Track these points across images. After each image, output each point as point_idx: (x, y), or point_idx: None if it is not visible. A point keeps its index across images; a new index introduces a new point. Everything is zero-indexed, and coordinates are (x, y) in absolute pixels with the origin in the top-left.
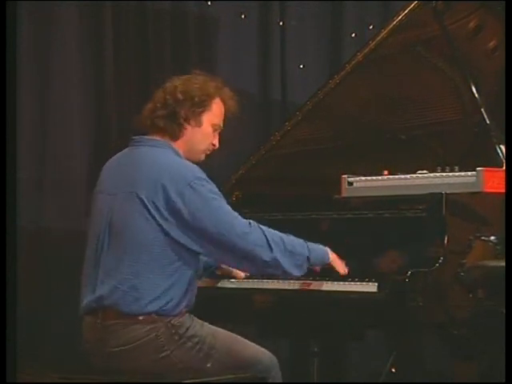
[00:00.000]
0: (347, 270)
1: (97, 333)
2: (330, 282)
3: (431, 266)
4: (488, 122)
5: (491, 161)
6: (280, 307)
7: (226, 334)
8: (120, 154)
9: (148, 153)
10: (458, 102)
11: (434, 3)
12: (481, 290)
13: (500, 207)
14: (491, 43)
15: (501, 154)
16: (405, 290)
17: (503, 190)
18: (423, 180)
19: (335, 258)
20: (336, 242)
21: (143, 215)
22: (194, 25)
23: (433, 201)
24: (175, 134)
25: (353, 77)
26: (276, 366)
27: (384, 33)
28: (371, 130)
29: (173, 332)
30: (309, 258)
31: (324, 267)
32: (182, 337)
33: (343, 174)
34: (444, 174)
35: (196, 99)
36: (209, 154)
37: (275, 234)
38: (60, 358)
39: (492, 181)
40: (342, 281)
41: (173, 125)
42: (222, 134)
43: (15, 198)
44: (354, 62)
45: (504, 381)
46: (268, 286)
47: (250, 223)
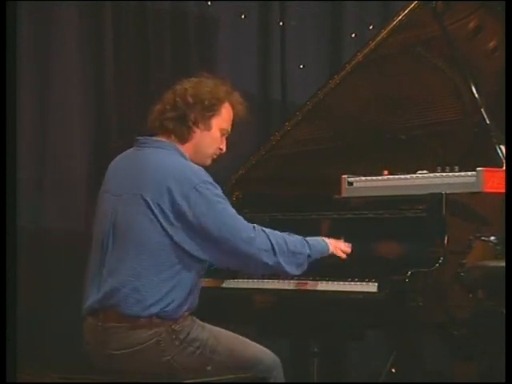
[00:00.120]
0: (349, 248)
1: (97, 335)
2: (330, 282)
3: (431, 266)
4: (488, 122)
5: (491, 161)
6: (280, 307)
7: (228, 334)
8: (125, 154)
9: (153, 154)
10: (458, 102)
11: (434, 3)
12: (481, 290)
13: (500, 207)
14: (491, 43)
15: (501, 154)
16: (405, 290)
17: (503, 190)
18: (423, 180)
19: (335, 247)
20: None
21: (147, 217)
22: (194, 25)
23: (433, 201)
24: (184, 137)
25: (353, 77)
26: (278, 366)
27: (384, 33)
28: (371, 130)
29: (173, 337)
30: (310, 255)
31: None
32: (182, 342)
33: (343, 174)
34: (444, 174)
35: (206, 103)
36: (215, 158)
37: (278, 237)
38: (60, 358)
39: (492, 181)
40: (341, 281)
41: (182, 127)
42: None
43: (15, 198)
44: (353, 62)
45: (504, 381)
46: (268, 286)
47: (254, 227)
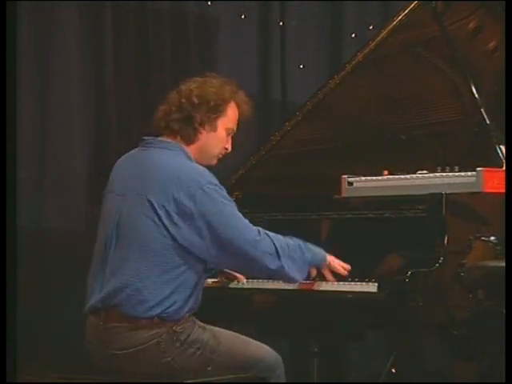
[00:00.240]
0: (348, 268)
1: (99, 334)
2: (330, 282)
3: (431, 266)
4: (488, 122)
5: (491, 161)
6: (280, 307)
7: (229, 334)
8: (130, 153)
9: (159, 155)
10: (458, 102)
11: (434, 3)
12: (481, 290)
13: (500, 207)
14: (491, 43)
15: (501, 154)
16: (405, 290)
17: (503, 190)
18: (423, 180)
19: (332, 261)
20: (336, 242)
21: (151, 218)
22: (194, 25)
23: (433, 201)
24: (190, 139)
25: (353, 77)
26: (280, 364)
27: (384, 33)
28: (371, 130)
29: (174, 339)
30: (310, 261)
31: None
32: (183, 343)
33: (343, 174)
34: (444, 174)
35: (212, 104)
36: (221, 157)
37: (282, 241)
38: (60, 358)
39: (492, 181)
40: (342, 281)
41: (188, 129)
42: None
43: (15, 198)
44: (354, 62)
45: (504, 381)
46: (268, 286)
47: (259, 231)
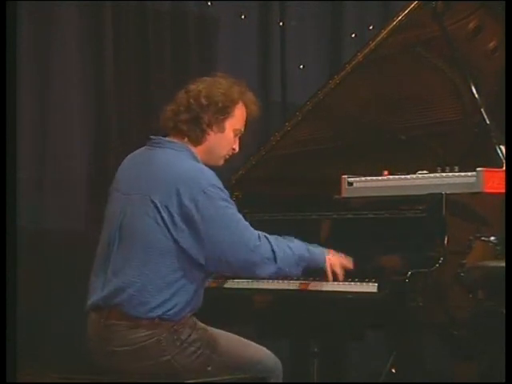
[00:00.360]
0: (349, 265)
1: (100, 331)
2: (330, 282)
3: (431, 266)
4: (488, 122)
5: (491, 161)
6: (280, 307)
7: (228, 335)
8: (137, 152)
9: (165, 155)
10: (458, 102)
11: (434, 3)
12: (481, 290)
13: (500, 207)
14: (491, 44)
15: (501, 154)
16: (405, 290)
17: (503, 191)
18: (423, 180)
19: (334, 264)
20: (336, 243)
21: (154, 219)
22: (194, 25)
23: (433, 201)
24: (198, 140)
25: (353, 77)
26: (279, 367)
27: (384, 33)
28: (371, 130)
29: (175, 338)
30: (309, 260)
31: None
32: (183, 342)
33: (343, 174)
34: (444, 174)
35: (220, 105)
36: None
37: (281, 243)
38: (60, 358)
39: (492, 181)
40: (342, 281)
41: (196, 130)
42: None
43: (15, 198)
44: (354, 62)
45: (504, 381)
46: (268, 286)
47: (259, 235)
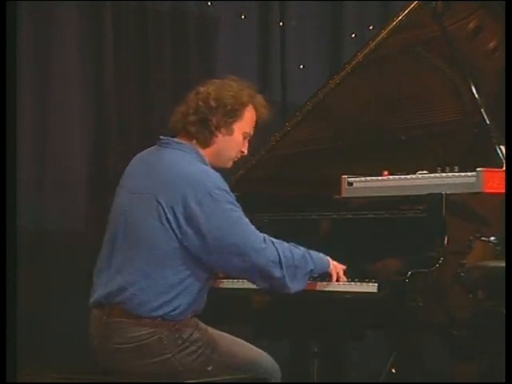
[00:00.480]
0: (345, 277)
1: (101, 328)
2: (330, 283)
3: (431, 266)
4: (488, 122)
5: (491, 161)
6: (280, 307)
7: (229, 337)
8: (145, 152)
9: (171, 156)
10: (458, 102)
11: (434, 3)
12: (481, 290)
13: (500, 208)
14: (491, 44)
15: (501, 154)
16: (405, 290)
17: (503, 191)
18: (423, 180)
19: (335, 267)
20: (336, 243)
21: (159, 220)
22: (194, 25)
23: (433, 201)
24: (206, 142)
25: (353, 77)
26: (277, 371)
27: (384, 33)
28: (371, 130)
29: (176, 336)
30: (313, 271)
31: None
32: (185, 341)
33: (343, 174)
34: (444, 174)
35: (229, 107)
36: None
37: (286, 250)
38: (60, 358)
39: (492, 181)
40: (341, 281)
41: (204, 132)
42: None
43: (15, 198)
44: (354, 62)
45: (504, 381)
46: None
47: (264, 238)
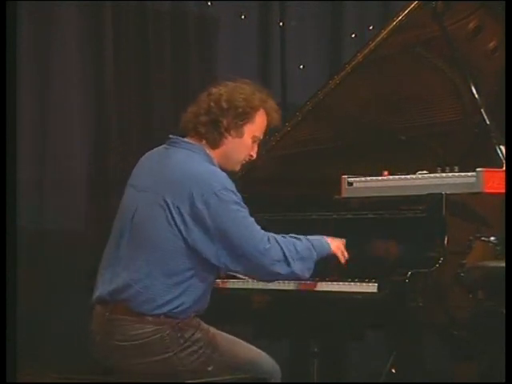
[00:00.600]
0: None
1: (104, 325)
2: (329, 283)
3: (431, 266)
4: (488, 122)
5: (491, 161)
6: (280, 307)
7: (230, 338)
8: (155, 150)
9: (179, 155)
10: (458, 102)
11: (434, 3)
12: (481, 290)
13: (500, 208)
14: (491, 44)
15: (501, 154)
16: (405, 290)
17: (503, 191)
18: (423, 180)
19: (337, 247)
20: None
21: (165, 219)
22: (194, 25)
23: (433, 201)
24: (215, 143)
25: (353, 77)
26: (277, 371)
27: (384, 33)
28: (371, 130)
29: (179, 335)
30: (318, 256)
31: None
32: (187, 340)
33: (343, 174)
34: (444, 174)
35: (240, 110)
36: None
37: (290, 245)
38: (60, 358)
39: (492, 181)
40: (341, 281)
41: (214, 133)
42: None
43: (15, 198)
44: (354, 62)
45: (504, 381)
46: (268, 286)
47: (268, 238)
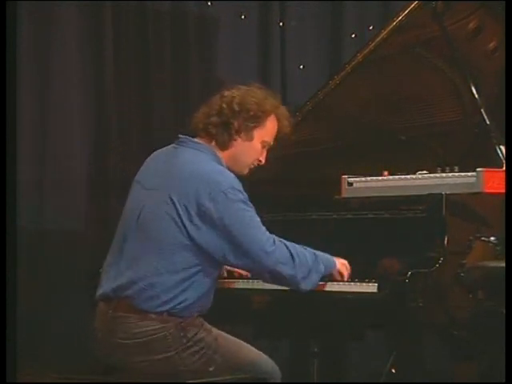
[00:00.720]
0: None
1: (107, 322)
2: (330, 283)
3: (431, 266)
4: (488, 122)
5: (491, 161)
6: (280, 307)
7: (231, 339)
8: (163, 149)
9: (187, 154)
10: (458, 102)
11: (434, 4)
12: (481, 290)
13: (500, 208)
14: (491, 44)
15: (501, 154)
16: (405, 290)
17: (503, 191)
18: (423, 180)
19: (341, 266)
20: (336, 243)
21: (172, 216)
22: (194, 25)
23: (433, 201)
24: (225, 144)
25: (353, 77)
26: (277, 372)
27: (384, 33)
28: (371, 130)
29: (182, 335)
30: (323, 272)
31: None
32: (189, 340)
33: (343, 174)
34: (444, 174)
35: (251, 113)
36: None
37: (298, 250)
38: (60, 358)
39: (492, 181)
40: (342, 281)
41: (224, 134)
42: None
43: (15, 198)
44: (353, 62)
45: (504, 381)
46: (268, 287)
47: (274, 240)
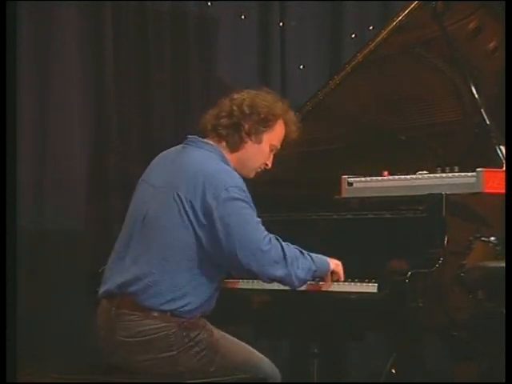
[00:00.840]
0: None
1: (109, 320)
2: (329, 282)
3: (431, 266)
4: (488, 122)
5: (491, 161)
6: (280, 307)
7: (232, 340)
8: (171, 149)
9: (196, 154)
10: (458, 102)
11: (434, 4)
12: (481, 290)
13: (500, 208)
14: (491, 44)
15: (501, 154)
16: (405, 290)
17: (503, 191)
18: (423, 181)
19: (336, 266)
20: (336, 243)
21: (178, 213)
22: (194, 25)
23: (433, 201)
24: (235, 146)
25: (353, 77)
26: (276, 374)
27: (384, 33)
28: (371, 130)
29: (184, 334)
30: (315, 271)
31: None
32: (191, 340)
33: (343, 174)
34: (444, 174)
35: (262, 116)
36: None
37: (291, 250)
38: (60, 358)
39: (492, 181)
40: (341, 281)
41: (235, 136)
42: None
43: (15, 198)
44: (353, 62)
45: (504, 381)
46: (268, 287)
47: (270, 239)
